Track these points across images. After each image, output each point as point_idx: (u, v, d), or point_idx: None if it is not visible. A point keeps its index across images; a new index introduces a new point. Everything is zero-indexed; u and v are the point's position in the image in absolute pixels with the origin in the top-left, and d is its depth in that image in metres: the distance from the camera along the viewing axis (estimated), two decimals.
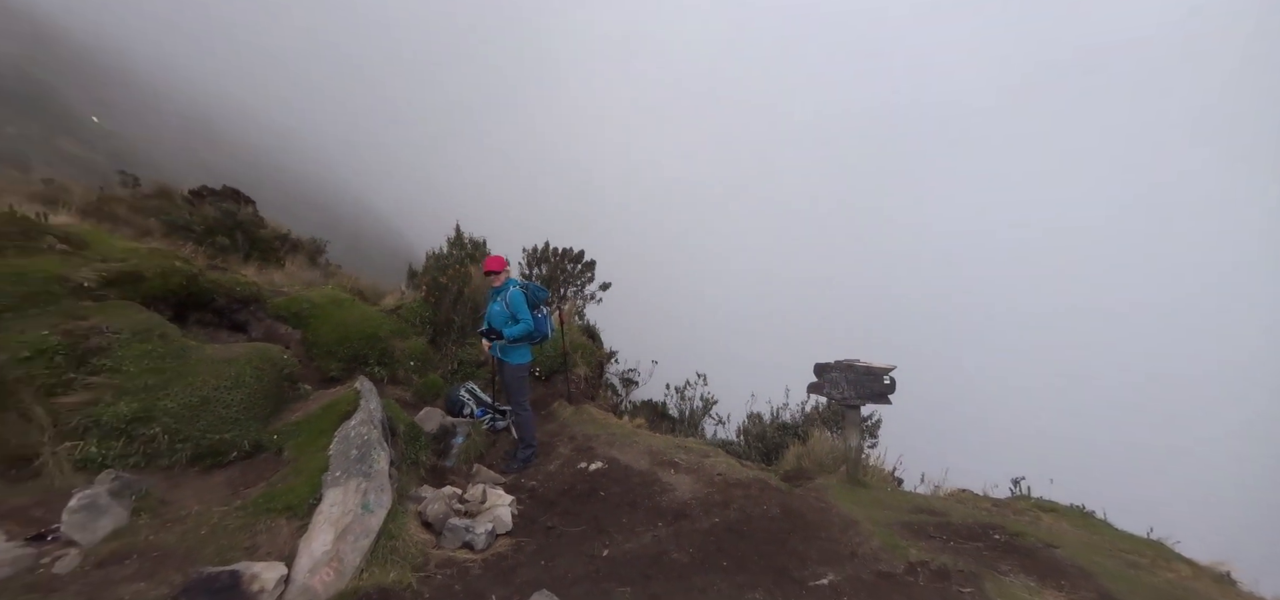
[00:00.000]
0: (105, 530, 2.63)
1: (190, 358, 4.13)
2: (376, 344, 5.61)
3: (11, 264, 4.13)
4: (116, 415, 3.41)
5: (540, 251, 8.81)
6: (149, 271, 4.63)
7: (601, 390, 7.37)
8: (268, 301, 5.37)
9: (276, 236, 7.59)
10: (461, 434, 5.11)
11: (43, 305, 3.96)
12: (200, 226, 7.06)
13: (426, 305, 6.08)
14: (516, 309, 4.88)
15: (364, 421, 4.03)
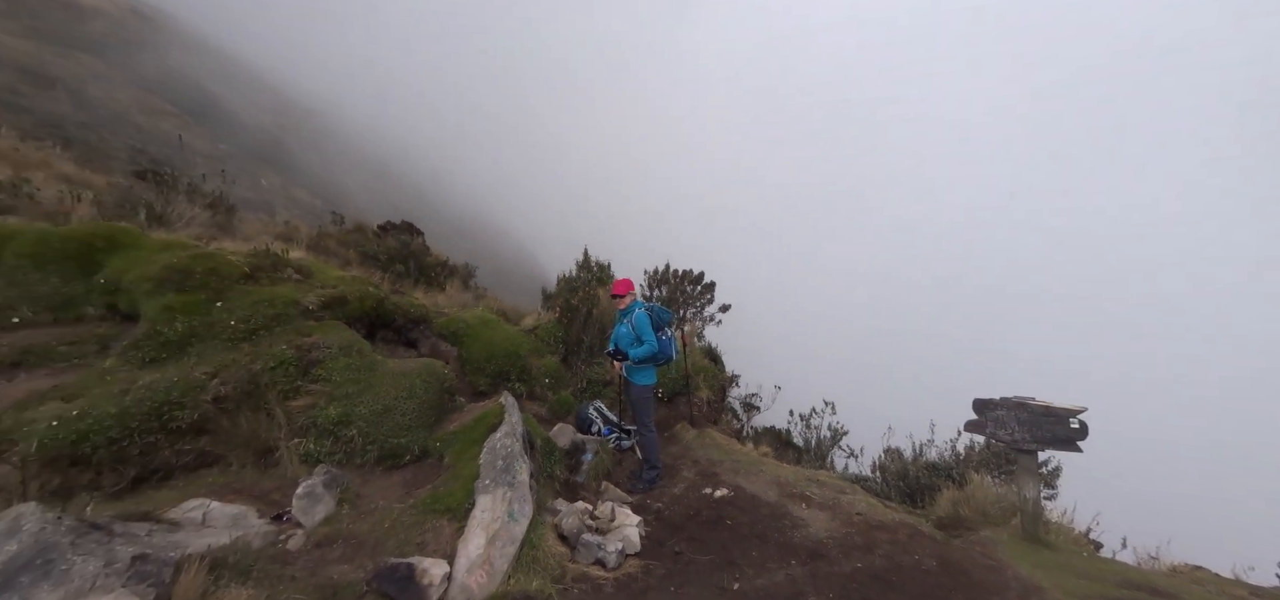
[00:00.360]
0: (320, 516, 3.18)
1: (378, 370, 4.89)
2: (517, 361, 6.14)
3: (265, 291, 5.28)
4: (327, 418, 4.15)
5: (660, 273, 9.03)
6: (351, 296, 5.60)
7: (724, 414, 7.26)
8: (433, 321, 6.18)
9: (438, 263, 8.76)
10: (590, 451, 5.36)
11: (283, 324, 4.98)
12: (384, 256, 8.41)
13: (559, 326, 6.53)
14: (641, 330, 5.02)
15: (508, 434, 4.41)
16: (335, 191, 24.03)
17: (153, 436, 3.38)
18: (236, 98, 27.63)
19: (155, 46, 27.22)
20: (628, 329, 5.10)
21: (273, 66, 34.72)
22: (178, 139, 17.05)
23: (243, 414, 3.89)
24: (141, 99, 21.09)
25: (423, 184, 33.56)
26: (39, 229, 5.09)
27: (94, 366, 3.90)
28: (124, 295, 4.80)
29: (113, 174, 9.58)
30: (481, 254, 22.98)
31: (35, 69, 17.45)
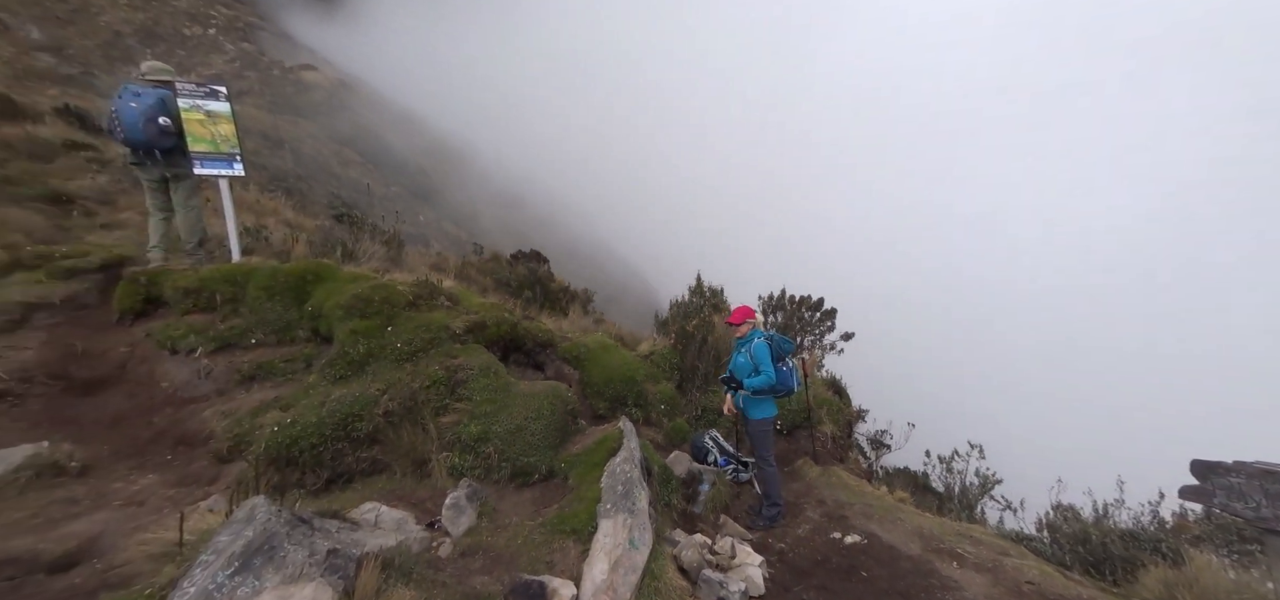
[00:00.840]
0: (464, 526, 3.52)
1: (511, 391, 5.34)
2: (634, 387, 6.29)
3: (423, 317, 6.09)
4: (469, 434, 4.61)
5: (776, 299, 8.69)
6: (490, 321, 6.21)
7: (850, 452, 6.71)
8: (558, 346, 6.60)
9: (561, 289, 9.41)
10: (707, 482, 5.28)
11: (436, 347, 5.68)
12: (515, 283, 9.24)
13: (674, 352, 6.58)
14: (760, 360, 4.86)
15: (627, 460, 4.51)
16: (474, 223, 27.13)
17: (340, 444, 4.02)
18: (403, 144, 32.58)
19: (351, 108, 33.27)
20: (746, 358, 4.97)
21: (427, 111, 40.41)
22: (366, 187, 20.58)
23: (404, 427, 4.47)
24: (338, 152, 25.86)
25: (546, 212, 36.47)
26: (271, 266, 6.40)
27: (302, 381, 4.77)
28: (323, 321, 5.83)
29: (319, 217, 11.81)
30: (597, 278, 24.19)
31: (271, 134, 22.21)
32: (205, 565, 2.22)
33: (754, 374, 4.85)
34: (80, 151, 10.71)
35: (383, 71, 43.89)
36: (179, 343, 4.90)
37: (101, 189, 9.39)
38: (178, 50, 33.28)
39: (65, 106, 13.50)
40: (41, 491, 2.95)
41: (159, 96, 5.82)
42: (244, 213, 9.50)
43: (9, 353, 4.19)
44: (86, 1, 34.42)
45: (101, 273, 5.69)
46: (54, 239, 6.85)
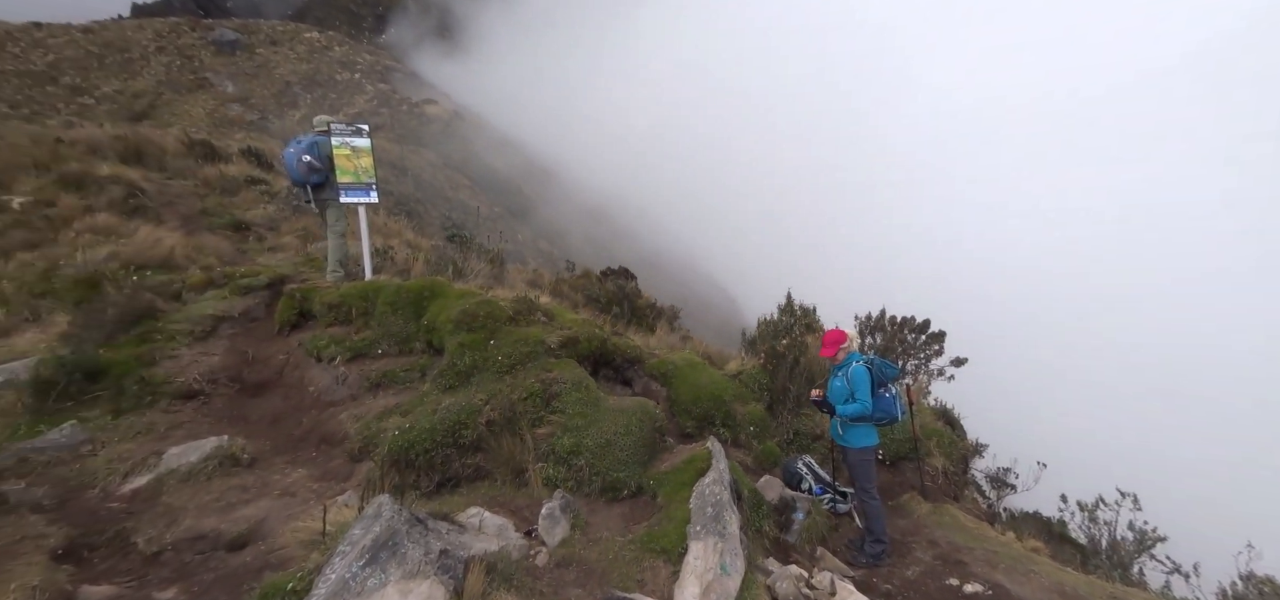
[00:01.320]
0: (558, 537, 3.66)
1: (601, 406, 5.48)
2: (722, 406, 6.17)
3: (522, 331, 6.48)
4: (562, 447, 4.80)
5: (874, 319, 8.09)
6: (582, 337, 6.45)
7: (965, 489, 6.04)
8: (645, 362, 6.68)
9: (648, 305, 9.54)
10: (802, 510, 5.02)
11: (532, 361, 6.01)
12: (604, 298, 9.53)
13: (764, 372, 6.38)
14: (857, 386, 4.55)
15: (716, 481, 4.43)
16: (565, 239, 28.50)
17: (449, 450, 4.37)
18: (504, 166, 35.16)
19: (462, 135, 36.69)
20: (842, 383, 4.68)
21: (526, 134, 43.27)
22: (475, 210, 22.54)
23: (504, 437, 4.76)
24: (450, 176, 28.56)
25: (633, 227, 37.31)
26: (395, 284, 7.19)
27: (418, 389, 5.27)
28: (436, 334, 6.41)
29: (434, 237, 13.09)
30: (682, 293, 24.20)
31: (397, 163, 25.08)
32: (342, 555, 2.51)
33: (850, 400, 4.56)
34: (256, 186, 12.84)
35: (490, 99, 47.90)
36: (322, 352, 5.65)
37: (270, 217, 11.17)
38: (330, 94, 38.84)
39: (248, 148, 16.30)
40: (223, 478, 3.57)
41: (311, 141, 6.84)
42: (375, 235, 10.82)
43: (202, 358, 5.12)
44: (267, 59, 41.50)
45: (268, 289, 6.74)
46: (236, 260, 8.26)
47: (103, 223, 7.90)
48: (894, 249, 61.85)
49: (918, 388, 6.97)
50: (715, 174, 61.46)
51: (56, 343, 4.73)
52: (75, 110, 29.94)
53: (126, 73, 36.70)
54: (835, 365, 4.78)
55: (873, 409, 4.50)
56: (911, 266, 54.95)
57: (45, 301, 5.78)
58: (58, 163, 10.16)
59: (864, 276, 44.27)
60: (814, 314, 7.91)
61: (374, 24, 77.94)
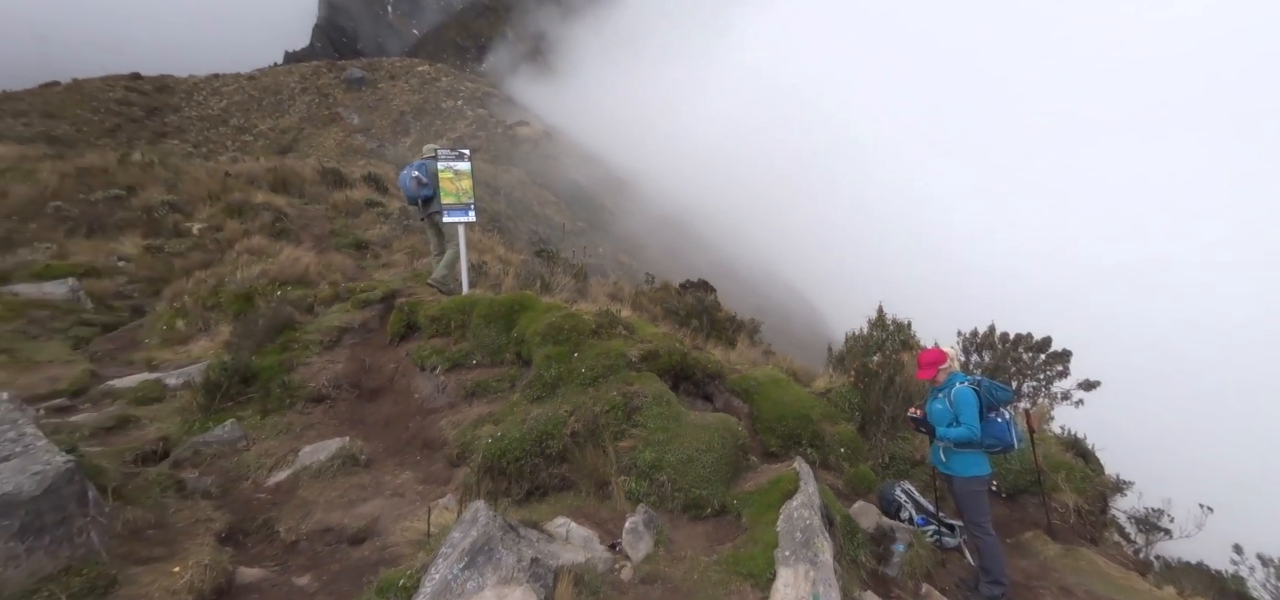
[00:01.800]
0: (642, 553, 3.67)
1: (682, 421, 5.45)
2: (808, 425, 5.88)
3: (604, 344, 6.64)
4: (644, 461, 4.82)
5: (981, 336, 7.26)
6: (662, 351, 6.47)
7: (1104, 531, 5.23)
8: (727, 377, 6.55)
9: (728, 318, 9.37)
10: (902, 542, 4.63)
11: (614, 374, 6.13)
12: (683, 312, 9.50)
13: (855, 391, 5.99)
14: (962, 410, 4.12)
15: (804, 505, 4.21)
16: (644, 251, 28.87)
17: (537, 459, 4.56)
18: (586, 179, 36.44)
19: (550, 154, 38.67)
20: (944, 405, 4.27)
21: (609, 151, 44.53)
22: (561, 226, 23.64)
23: (588, 449, 4.88)
24: (538, 193, 30.14)
25: (711, 237, 36.93)
26: (488, 298, 7.69)
27: (508, 399, 5.57)
28: (525, 346, 6.74)
29: (522, 252, 13.86)
30: (765, 307, 23.47)
31: (490, 182, 26.92)
32: (444, 557, 2.70)
33: (954, 424, 4.13)
34: (373, 208, 14.40)
35: (576, 117, 50.07)
36: (426, 361, 6.16)
37: (384, 236, 12.45)
38: (436, 121, 42.70)
39: (368, 174, 18.33)
40: (345, 477, 4.01)
41: (421, 164, 7.57)
42: (471, 251, 11.69)
43: (329, 366, 5.81)
44: (387, 92, 46.66)
45: (382, 303, 7.50)
46: (356, 276, 9.30)
47: (256, 244, 9.29)
48: (991, 260, 55.60)
49: (1039, 412, 6.16)
50: (797, 183, 59.24)
51: (221, 350, 5.64)
52: (239, 146, 35.55)
53: (278, 112, 42.99)
54: (935, 387, 4.36)
55: (981, 435, 4.05)
56: (1012, 279, 49.10)
57: (213, 313, 6.93)
58: (226, 193, 12.11)
59: (959, 289, 40.28)
60: (909, 329, 7.29)
61: (476, 54, 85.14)
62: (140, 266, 8.98)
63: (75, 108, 36.65)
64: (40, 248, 9.26)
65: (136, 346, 6.71)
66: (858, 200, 62.46)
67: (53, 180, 11.70)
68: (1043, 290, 47.39)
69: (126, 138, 33.13)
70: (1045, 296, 43.27)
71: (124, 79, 42.02)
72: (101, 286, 8.22)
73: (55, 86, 38.95)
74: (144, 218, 10.86)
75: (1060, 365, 6.96)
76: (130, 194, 11.96)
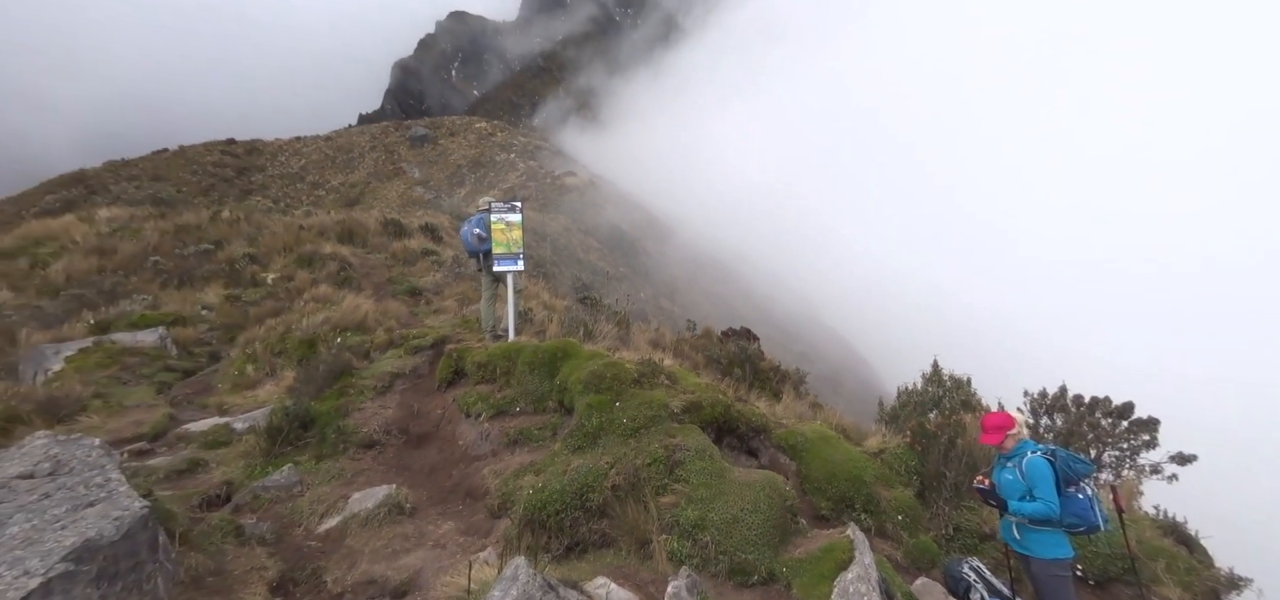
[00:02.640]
0: None
1: (726, 478, 5.24)
2: (861, 488, 5.53)
3: (646, 394, 6.56)
4: (687, 519, 4.64)
5: (1052, 399, 6.64)
6: (705, 402, 6.32)
7: None
8: (772, 432, 6.30)
9: (771, 368, 9.10)
10: None
11: (656, 425, 6.02)
12: (725, 360, 9.31)
13: (912, 453, 5.61)
14: (1037, 483, 3.75)
15: (861, 578, 3.91)
16: (685, 297, 28.85)
17: (577, 513, 4.48)
18: (629, 226, 37.14)
19: (595, 202, 39.88)
20: (1015, 476, 3.90)
21: (653, 197, 45.45)
22: (604, 272, 24.13)
23: (629, 504, 4.76)
24: (582, 240, 30.98)
25: (754, 284, 36.49)
26: (532, 345, 7.83)
27: (550, 448, 5.56)
28: (567, 394, 6.77)
29: (566, 298, 14.14)
30: (809, 356, 22.71)
31: (537, 229, 27.93)
32: None
33: (1027, 498, 3.76)
34: (428, 256, 15.18)
35: (621, 165, 51.74)
36: (471, 408, 6.28)
37: (437, 283, 13.04)
38: (490, 173, 45.17)
39: (425, 224, 19.44)
40: (390, 525, 4.08)
41: (480, 218, 7.98)
42: (517, 298, 12.04)
43: (380, 412, 6.03)
44: (446, 148, 50.04)
45: (432, 349, 7.78)
46: (409, 323, 9.73)
47: (322, 293, 9.95)
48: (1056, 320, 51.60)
49: (1127, 488, 5.51)
50: (843, 232, 58.14)
51: (284, 395, 5.99)
52: (313, 201, 38.77)
53: (348, 168, 46.81)
54: (1003, 454, 4.01)
55: (1062, 512, 3.66)
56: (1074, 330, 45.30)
57: (280, 359, 7.41)
58: (298, 245, 13.14)
59: (1019, 347, 37.54)
60: (968, 386, 6.77)
61: (530, 110, 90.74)
62: (220, 315, 9.80)
63: (178, 171, 41.39)
64: (138, 299, 10.32)
65: (211, 391, 7.24)
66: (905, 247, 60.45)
67: (154, 237, 13.12)
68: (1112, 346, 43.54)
69: (218, 196, 36.91)
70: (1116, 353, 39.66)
71: (221, 144, 47.25)
72: (186, 334, 9.01)
73: (164, 153, 44.32)
74: (227, 269, 11.93)
75: (1146, 434, 6.21)
76: (217, 247, 13.21)
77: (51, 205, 31.46)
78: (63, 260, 11.79)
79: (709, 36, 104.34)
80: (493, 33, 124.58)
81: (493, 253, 7.85)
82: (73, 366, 7.29)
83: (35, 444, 3.12)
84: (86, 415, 5.88)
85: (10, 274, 11.35)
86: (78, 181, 38.40)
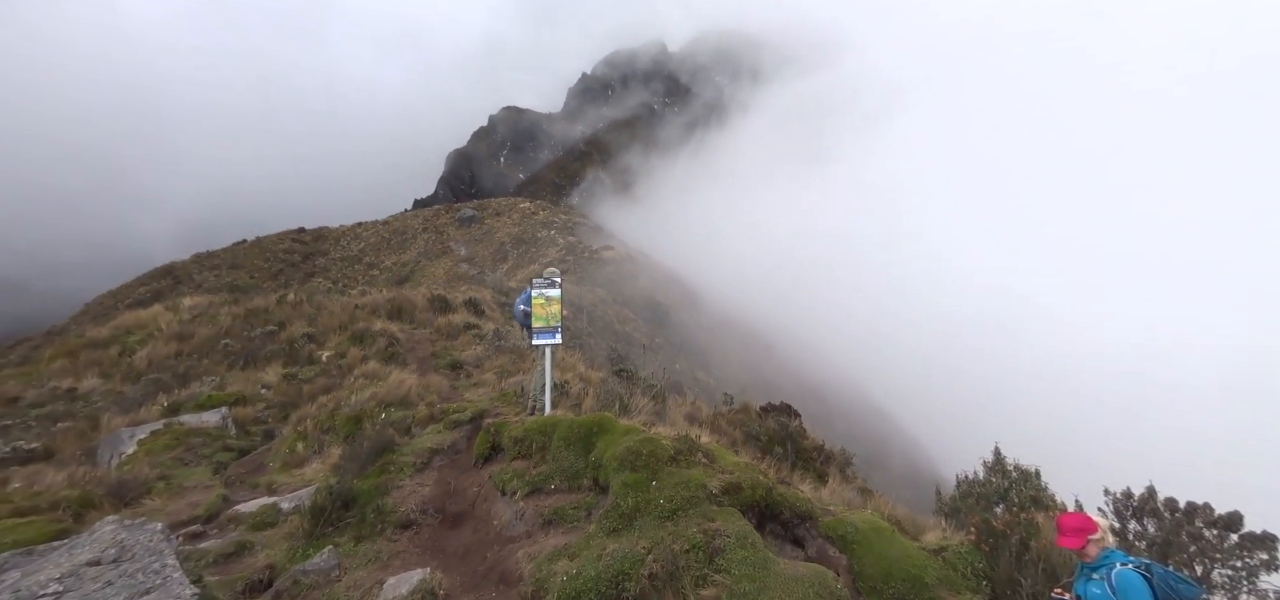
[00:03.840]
0: None
1: (770, 570, 4.90)
2: (923, 591, 5.03)
3: (683, 473, 6.34)
4: None
5: (1139, 502, 5.91)
6: (745, 484, 6.04)
7: None
8: (819, 520, 5.91)
9: (815, 447, 8.67)
10: None
11: (694, 507, 5.76)
12: (765, 437, 8.96)
13: (978, 552, 5.10)
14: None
15: None
16: (723, 369, 28.34)
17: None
18: (666, 298, 37.41)
19: (632, 275, 40.69)
20: (1104, 590, 3.46)
21: (685, 268, 45.95)
22: (640, 344, 24.22)
23: (666, 595, 4.50)
24: (619, 311, 31.39)
25: (796, 358, 35.51)
26: (568, 419, 7.80)
27: (584, 530, 5.39)
28: (602, 471, 6.63)
29: (602, 369, 14.16)
30: (855, 434, 21.51)
31: (575, 301, 28.55)
32: None
33: None
34: (470, 330, 15.69)
35: (658, 239, 53.02)
36: (506, 485, 6.22)
37: (477, 357, 13.38)
38: (531, 249, 47.22)
39: (469, 299, 20.25)
40: None
41: (526, 293, 8.26)
42: (554, 369, 12.17)
43: (419, 489, 6.07)
44: (492, 227, 52.98)
45: (470, 424, 7.87)
46: (449, 397, 9.94)
47: (371, 369, 10.38)
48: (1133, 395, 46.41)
49: None
50: (890, 303, 56.37)
51: (329, 472, 6.16)
52: (367, 280, 41.34)
53: (401, 249, 50.01)
54: (1085, 563, 3.58)
55: None
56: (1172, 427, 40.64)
57: (328, 436, 7.69)
58: (352, 323, 13.91)
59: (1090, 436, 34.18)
60: (1037, 479, 6.14)
61: (571, 190, 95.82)
62: (277, 393, 10.35)
63: (254, 259, 45.38)
64: (208, 380, 11.08)
65: (263, 469, 7.52)
66: (961, 323, 57.54)
67: (227, 322, 14.22)
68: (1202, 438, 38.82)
69: (285, 280, 40.02)
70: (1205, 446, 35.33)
71: (291, 232, 51.80)
72: (245, 413, 9.53)
73: (242, 243, 48.94)
74: (287, 348, 12.70)
75: (1264, 553, 5.34)
76: (280, 328, 14.15)
77: (143, 296, 34.90)
78: (147, 347, 12.89)
79: (751, 118, 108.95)
80: (543, 123, 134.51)
81: (532, 326, 8.04)
82: (144, 449, 7.79)
83: (104, 530, 3.29)
84: (150, 497, 6.20)
85: (102, 362, 12.47)
86: (168, 273, 42.66)
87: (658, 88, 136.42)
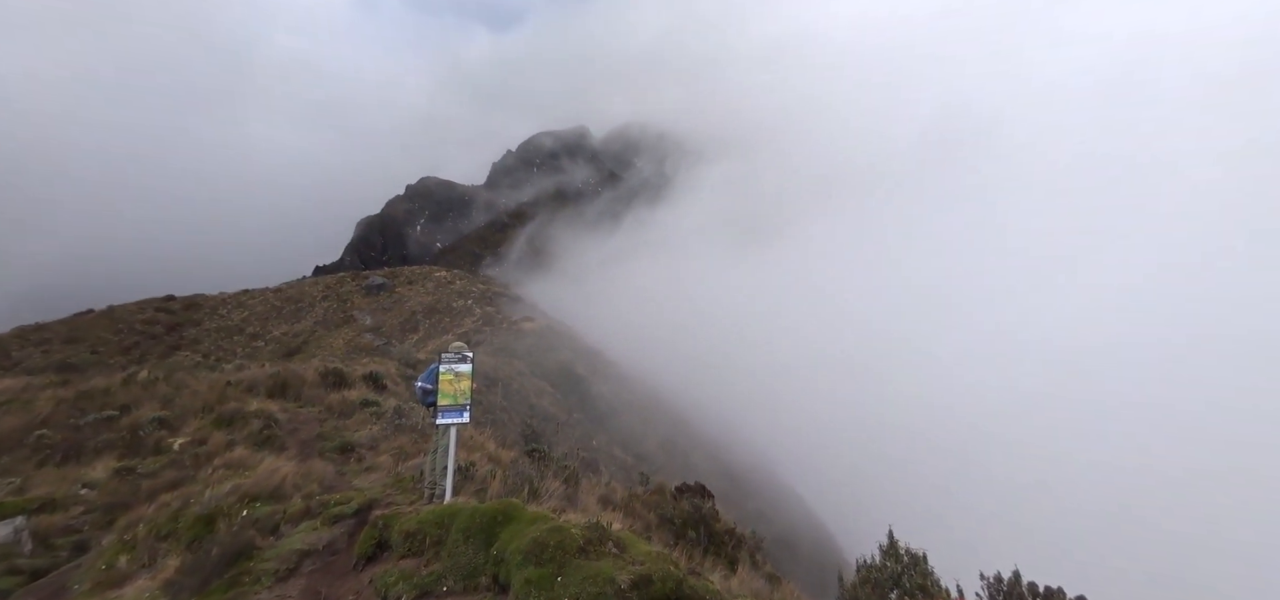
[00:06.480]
0: None
1: None
2: None
3: (592, 566, 5.94)
4: None
5: (1007, 584, 6.33)
6: (655, 575, 5.79)
7: None
8: None
9: (727, 530, 8.63)
10: None
11: None
12: (679, 520, 8.80)
13: None
14: None
15: None
16: (640, 445, 27.99)
17: None
18: (585, 371, 36.86)
19: (552, 347, 39.79)
20: None
21: (602, 339, 45.92)
22: (556, 420, 23.34)
23: None
24: (536, 385, 30.29)
25: (710, 434, 36.08)
26: (470, 507, 7.16)
27: None
28: (504, 566, 6.08)
29: (514, 448, 13.36)
30: (767, 514, 21.87)
31: (491, 374, 27.19)
32: None
33: None
34: (368, 407, 14.30)
35: (580, 313, 52.84)
36: (390, 590, 5.49)
37: (373, 437, 12.13)
38: (445, 318, 44.92)
39: (369, 373, 18.60)
40: None
41: (430, 370, 7.71)
42: (461, 449, 11.27)
43: None
44: (403, 295, 49.91)
45: (355, 518, 6.97)
46: (335, 485, 8.80)
47: (237, 456, 8.98)
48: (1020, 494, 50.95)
49: None
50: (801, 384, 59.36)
51: (158, 592, 5.03)
52: (248, 353, 36.79)
53: (295, 319, 45.48)
54: None
55: None
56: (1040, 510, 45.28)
57: (166, 543, 6.37)
58: (221, 403, 12.13)
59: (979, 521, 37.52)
60: (924, 563, 6.52)
61: (491, 260, 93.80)
62: (102, 494, 8.56)
63: (101, 331, 38.84)
64: (4, 484, 8.94)
65: (62, 594, 6.00)
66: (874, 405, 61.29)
67: (48, 407, 11.80)
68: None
69: (139, 355, 34.51)
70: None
71: (156, 301, 45.31)
72: (51, 522, 7.71)
73: (87, 314, 41.77)
74: (127, 437, 10.70)
75: None
76: (123, 413, 11.98)
77: None
78: None
79: (678, 195, 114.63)
80: (466, 194, 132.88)
81: (438, 404, 7.49)
82: None
83: None
84: None
85: None
86: None
87: (583, 165, 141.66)
